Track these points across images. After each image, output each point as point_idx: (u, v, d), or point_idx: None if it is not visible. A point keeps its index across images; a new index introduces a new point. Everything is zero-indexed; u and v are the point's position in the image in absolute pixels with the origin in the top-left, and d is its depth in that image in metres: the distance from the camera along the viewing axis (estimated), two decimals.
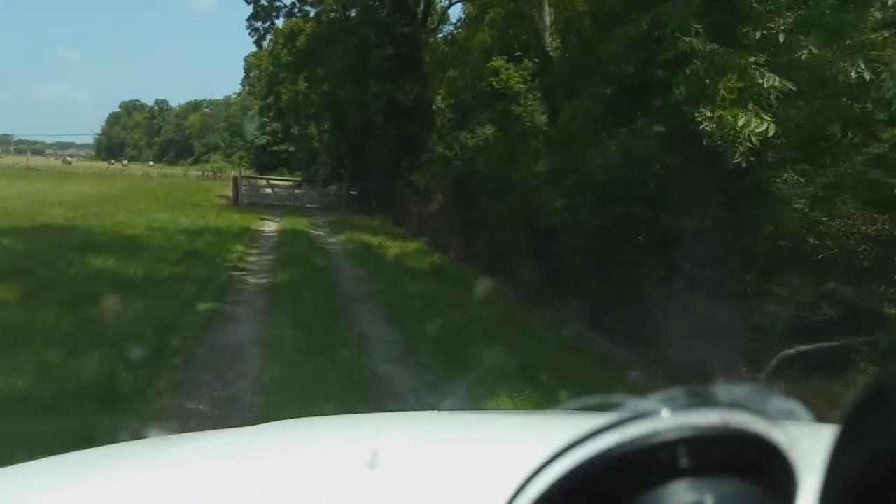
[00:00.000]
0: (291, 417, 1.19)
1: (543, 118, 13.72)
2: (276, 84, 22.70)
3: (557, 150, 10.26)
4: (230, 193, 22.07)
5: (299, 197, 23.05)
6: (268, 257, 9.95)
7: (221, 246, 10.65)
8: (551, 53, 13.28)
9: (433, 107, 17.87)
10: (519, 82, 22.31)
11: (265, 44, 22.95)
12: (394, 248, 11.63)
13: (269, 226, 14.93)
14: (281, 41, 21.07)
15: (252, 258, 9.89)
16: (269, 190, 22.03)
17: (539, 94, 14.03)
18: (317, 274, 8.69)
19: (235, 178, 20.64)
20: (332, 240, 12.84)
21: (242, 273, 8.68)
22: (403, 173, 19.00)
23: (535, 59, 15.33)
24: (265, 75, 23.53)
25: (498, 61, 21.39)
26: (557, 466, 0.31)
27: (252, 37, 22.35)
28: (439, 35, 19.86)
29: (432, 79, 19.50)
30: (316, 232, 14.18)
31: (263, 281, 8.08)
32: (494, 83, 21.12)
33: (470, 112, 18.99)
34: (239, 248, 10.72)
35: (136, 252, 8.87)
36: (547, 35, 13.37)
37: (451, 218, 15.05)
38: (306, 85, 21.84)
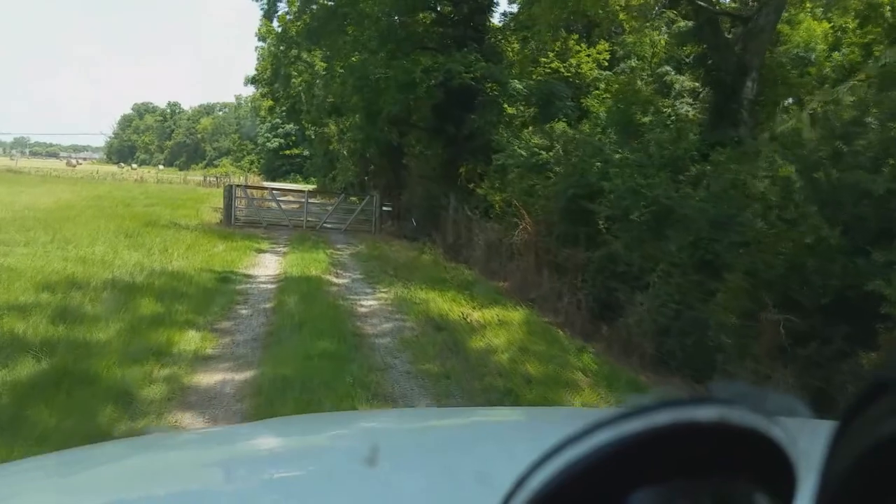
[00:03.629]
0: None
1: None
2: (285, 65, 17.20)
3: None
4: None
5: (314, 212, 17.60)
6: (245, 375, 4.40)
7: (154, 332, 5.19)
8: None
9: (509, 87, 12.32)
10: (591, 69, 16.82)
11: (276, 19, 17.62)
12: (495, 333, 6.03)
13: (265, 268, 9.38)
14: (295, 6, 15.59)
15: (210, 378, 4.35)
16: (273, 204, 16.54)
17: None
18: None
19: (228, 189, 15.21)
20: (372, 303, 7.20)
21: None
22: (461, 183, 13.51)
23: None
24: (270, 54, 18.14)
25: (569, 41, 15.94)
26: (555, 462, 0.30)
27: (261, 5, 16.98)
28: None
29: (506, 48, 14.04)
30: (341, 281, 8.59)
31: None
32: (563, 69, 15.66)
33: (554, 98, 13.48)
34: (191, 339, 5.21)
35: None
36: None
37: (555, 256, 9.52)
38: (324, 65, 16.37)
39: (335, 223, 16.05)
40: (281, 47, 16.77)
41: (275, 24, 17.18)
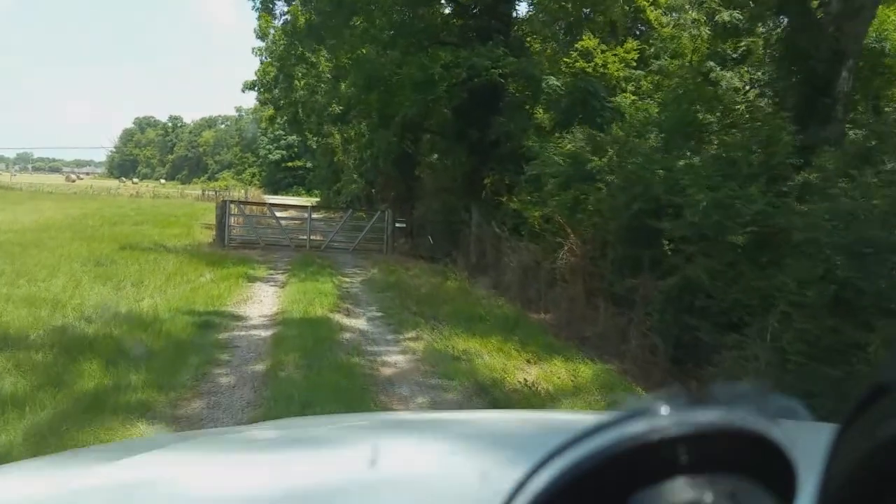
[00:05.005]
0: None
1: None
2: (288, 66, 15.48)
3: None
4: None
5: (318, 229, 15.87)
6: None
7: (88, 426, 3.47)
8: None
9: (542, 86, 10.62)
10: (619, 69, 15.10)
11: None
12: (572, 405, 4.28)
13: (260, 304, 7.58)
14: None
15: None
16: (272, 221, 14.80)
17: None
18: None
19: (221, 205, 13.44)
20: (398, 359, 5.34)
21: None
22: (486, 195, 11.79)
23: None
24: (270, 53, 16.44)
25: (590, 41, 14.26)
26: (557, 464, 0.30)
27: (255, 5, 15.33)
28: None
29: (533, 43, 12.36)
30: (354, 323, 6.78)
31: None
32: (589, 69, 13.96)
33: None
34: (140, 432, 3.48)
35: None
36: None
37: (611, 285, 7.81)
38: (329, 65, 14.71)
39: (342, 242, 14.31)
40: (282, 45, 15.10)
41: (278, 12, 15.58)
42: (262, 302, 7.70)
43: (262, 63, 17.55)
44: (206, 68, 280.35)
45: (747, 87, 11.85)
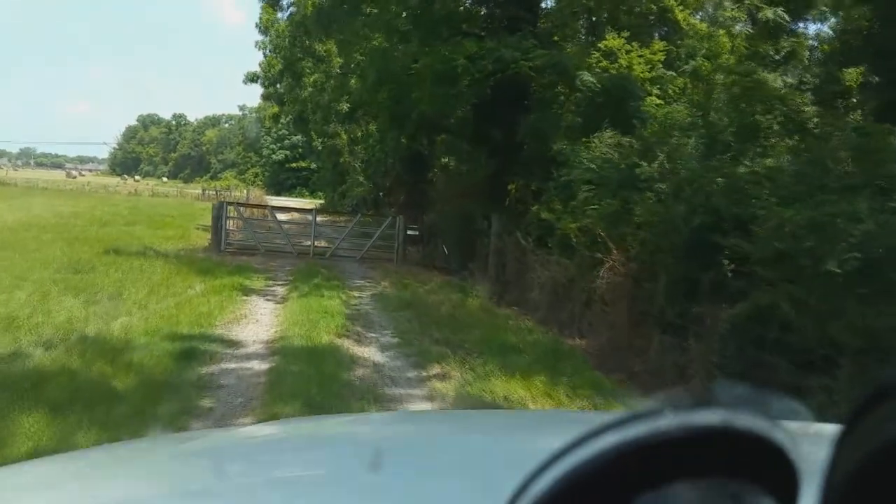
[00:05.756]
0: None
1: None
2: (294, 61, 14.39)
3: None
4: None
5: (322, 234, 14.78)
6: None
7: None
8: None
9: (577, 82, 9.54)
10: (643, 71, 14.05)
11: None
12: None
13: (255, 325, 6.42)
14: None
15: None
16: (273, 225, 13.70)
17: None
18: None
19: (218, 207, 12.29)
20: (426, 408, 4.35)
21: None
22: (510, 203, 10.70)
23: None
24: (274, 46, 15.34)
25: (614, 41, 13.21)
26: (559, 466, 0.30)
27: None
28: None
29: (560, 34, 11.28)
30: (367, 354, 5.58)
31: None
32: (611, 69, 12.90)
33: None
34: None
35: None
36: None
37: (664, 309, 6.74)
38: (340, 61, 13.65)
39: (348, 250, 13.21)
40: (287, 38, 14.03)
41: (284, 2, 14.45)
42: (258, 322, 6.59)
43: (265, 56, 16.49)
44: (211, 66, 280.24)
45: (799, 89, 10.77)
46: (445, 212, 13.58)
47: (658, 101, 12.13)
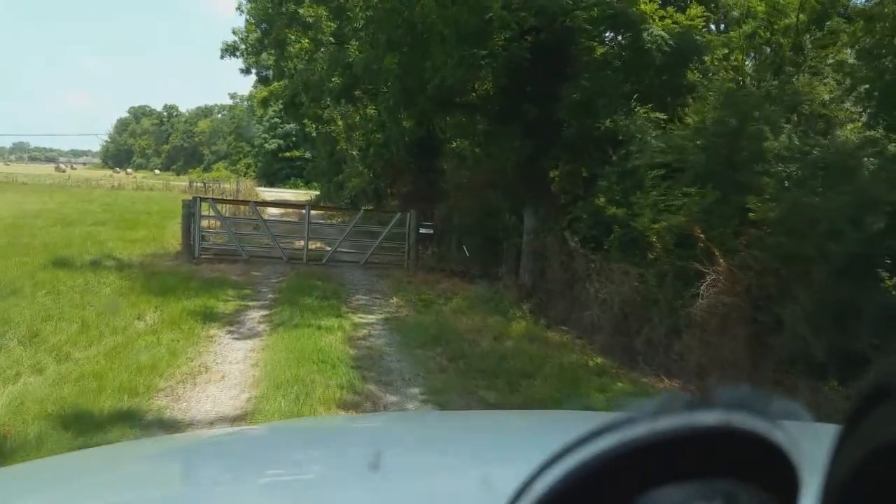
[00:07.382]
0: None
1: None
2: (278, 29, 12.11)
3: None
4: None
5: (318, 232, 12.64)
6: None
7: None
8: None
9: (645, 36, 7.39)
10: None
11: None
12: None
13: (218, 386, 4.22)
14: None
15: None
16: (259, 222, 11.51)
17: None
18: None
19: (188, 205, 10.05)
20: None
21: None
22: (552, 193, 8.59)
23: None
24: (255, 10, 13.06)
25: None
26: (560, 466, 0.30)
27: None
28: None
29: None
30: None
31: None
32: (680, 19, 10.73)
33: None
34: None
35: None
36: None
37: (806, 344, 4.68)
38: (331, 25, 11.44)
39: (349, 252, 11.09)
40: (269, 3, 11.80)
41: None
42: (222, 380, 4.46)
43: (246, 22, 14.29)
44: (203, 58, 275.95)
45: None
46: (462, 206, 11.46)
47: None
